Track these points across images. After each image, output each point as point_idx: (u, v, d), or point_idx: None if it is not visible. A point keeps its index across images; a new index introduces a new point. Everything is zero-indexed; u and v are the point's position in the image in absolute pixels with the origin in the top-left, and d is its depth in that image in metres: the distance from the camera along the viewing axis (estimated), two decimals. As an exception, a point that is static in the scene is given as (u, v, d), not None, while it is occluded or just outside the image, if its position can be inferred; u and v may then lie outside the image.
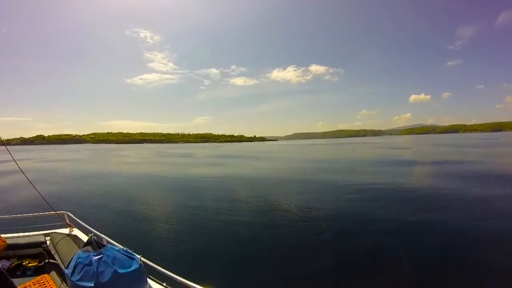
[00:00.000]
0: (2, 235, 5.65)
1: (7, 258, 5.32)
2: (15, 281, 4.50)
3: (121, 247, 3.37)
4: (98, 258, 2.71)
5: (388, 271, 7.50)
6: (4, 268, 4.82)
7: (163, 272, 3.19)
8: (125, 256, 2.87)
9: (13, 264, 5.19)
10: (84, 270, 2.59)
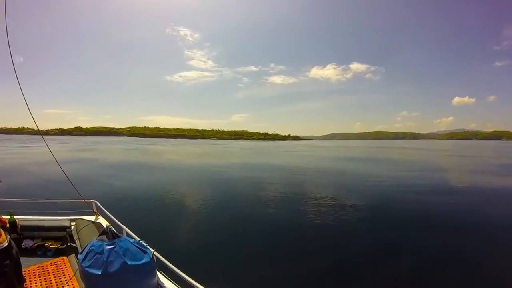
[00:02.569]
0: (31, 217, 6.21)
1: (32, 238, 5.73)
2: (35, 259, 5.13)
3: (138, 239, 3.46)
4: (111, 248, 2.79)
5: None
6: (26, 247, 5.51)
7: (173, 269, 3.22)
8: (138, 249, 2.93)
9: (35, 244, 5.60)
10: (95, 258, 2.69)
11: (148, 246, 3.08)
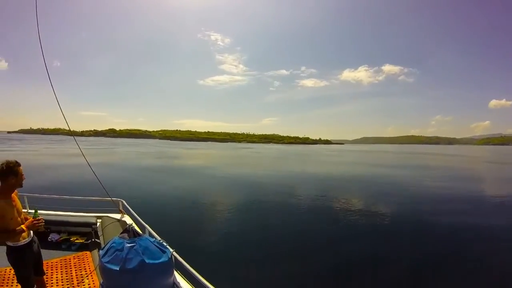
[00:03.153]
0: (60, 212, 6.62)
1: (58, 232, 6.11)
2: (59, 252, 5.45)
3: (159, 239, 3.52)
4: (130, 246, 2.85)
5: None
6: (52, 240, 5.88)
7: (190, 270, 3.26)
8: (157, 248, 2.97)
9: (61, 238, 5.97)
10: (114, 254, 2.77)
11: (168, 246, 3.13)
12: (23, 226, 3.17)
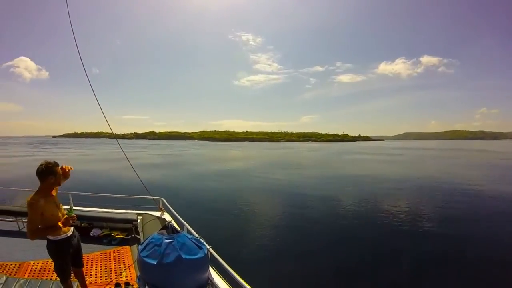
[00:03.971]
0: (103, 209, 7.05)
1: (100, 228, 6.58)
2: (100, 246, 5.86)
3: (196, 236, 3.63)
4: (169, 241, 2.96)
5: None
6: (94, 235, 6.31)
7: (225, 267, 3.34)
8: (194, 245, 3.05)
9: (102, 233, 6.41)
10: (153, 249, 2.88)
11: (204, 243, 3.20)
12: (59, 223, 3.41)
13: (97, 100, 5.71)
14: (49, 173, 3.40)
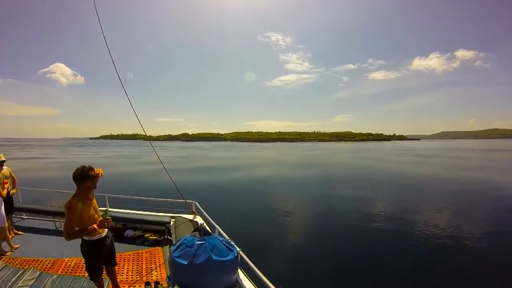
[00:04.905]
0: (137, 211, 7.37)
1: (134, 229, 6.93)
2: (133, 247, 6.17)
3: (227, 238, 3.73)
4: (200, 243, 3.07)
5: None
6: (127, 236, 6.65)
7: (254, 270, 3.42)
8: (224, 247, 3.15)
9: (136, 234, 6.74)
10: (185, 250, 3.01)
11: (235, 245, 3.29)
12: (94, 225, 3.61)
13: (130, 103, 5.95)
14: (85, 177, 3.61)
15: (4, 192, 6.09)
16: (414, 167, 36.88)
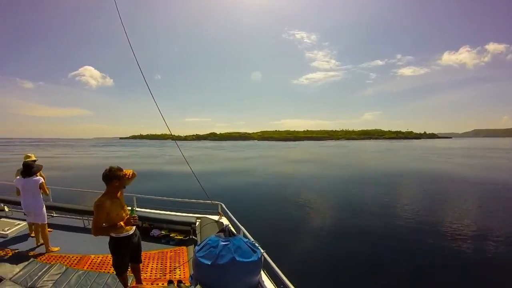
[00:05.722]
0: (164, 212, 7.59)
1: (160, 228, 7.11)
2: (158, 245, 6.35)
3: (252, 240, 3.77)
4: (224, 244, 3.12)
5: None
6: (153, 235, 6.86)
7: (277, 272, 3.44)
8: (248, 248, 3.18)
9: (161, 234, 6.93)
10: (209, 250, 3.06)
11: (259, 247, 3.31)
12: (121, 223, 3.77)
13: (156, 104, 6.12)
14: (113, 177, 3.81)
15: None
16: (447, 167, 35.25)
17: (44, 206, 6.20)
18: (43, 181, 6.08)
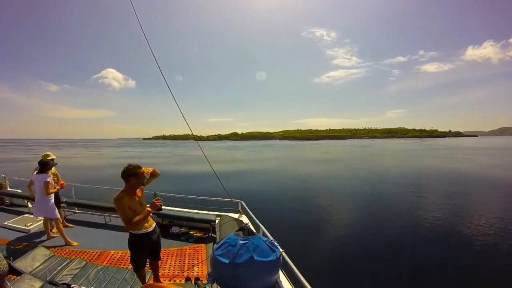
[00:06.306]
0: (184, 209, 7.63)
1: (180, 226, 7.21)
2: (177, 243, 6.42)
3: (271, 239, 3.70)
4: (243, 243, 3.05)
5: None
6: (173, 232, 6.95)
7: (295, 272, 3.38)
8: (267, 247, 3.11)
9: (181, 231, 7.02)
10: (227, 248, 3.00)
11: (278, 246, 3.25)
12: (148, 208, 3.85)
13: (178, 105, 6.14)
14: (130, 175, 3.83)
15: (59, 187, 6.66)
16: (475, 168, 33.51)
17: (52, 202, 6.34)
18: (48, 180, 6.19)
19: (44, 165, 6.26)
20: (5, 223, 7.22)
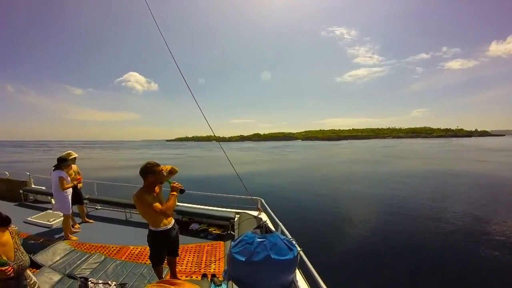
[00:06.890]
0: (204, 206, 7.71)
1: (199, 223, 7.32)
2: (196, 239, 6.47)
3: (289, 237, 3.67)
4: (261, 241, 3.04)
5: None
6: (192, 229, 7.04)
7: (312, 272, 3.32)
8: (285, 246, 3.08)
9: (200, 228, 7.09)
10: (244, 246, 3.00)
11: (296, 245, 3.21)
12: (172, 193, 3.95)
13: (199, 107, 6.28)
14: (148, 172, 3.88)
15: (76, 183, 6.99)
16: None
17: (68, 198, 6.51)
18: (62, 175, 6.35)
19: (61, 161, 6.45)
20: (28, 218, 7.48)
